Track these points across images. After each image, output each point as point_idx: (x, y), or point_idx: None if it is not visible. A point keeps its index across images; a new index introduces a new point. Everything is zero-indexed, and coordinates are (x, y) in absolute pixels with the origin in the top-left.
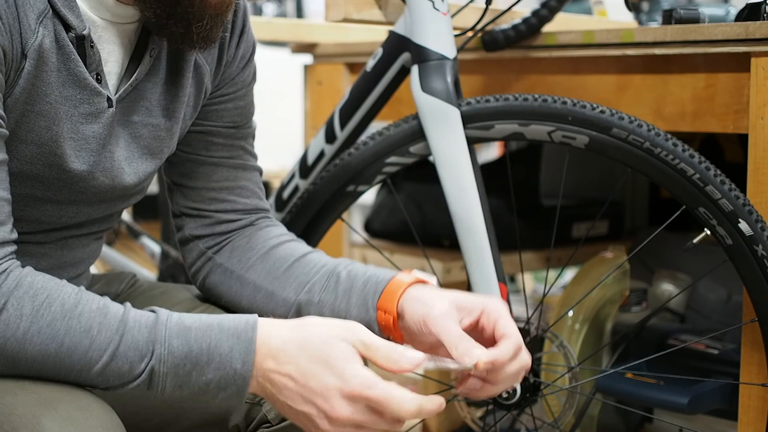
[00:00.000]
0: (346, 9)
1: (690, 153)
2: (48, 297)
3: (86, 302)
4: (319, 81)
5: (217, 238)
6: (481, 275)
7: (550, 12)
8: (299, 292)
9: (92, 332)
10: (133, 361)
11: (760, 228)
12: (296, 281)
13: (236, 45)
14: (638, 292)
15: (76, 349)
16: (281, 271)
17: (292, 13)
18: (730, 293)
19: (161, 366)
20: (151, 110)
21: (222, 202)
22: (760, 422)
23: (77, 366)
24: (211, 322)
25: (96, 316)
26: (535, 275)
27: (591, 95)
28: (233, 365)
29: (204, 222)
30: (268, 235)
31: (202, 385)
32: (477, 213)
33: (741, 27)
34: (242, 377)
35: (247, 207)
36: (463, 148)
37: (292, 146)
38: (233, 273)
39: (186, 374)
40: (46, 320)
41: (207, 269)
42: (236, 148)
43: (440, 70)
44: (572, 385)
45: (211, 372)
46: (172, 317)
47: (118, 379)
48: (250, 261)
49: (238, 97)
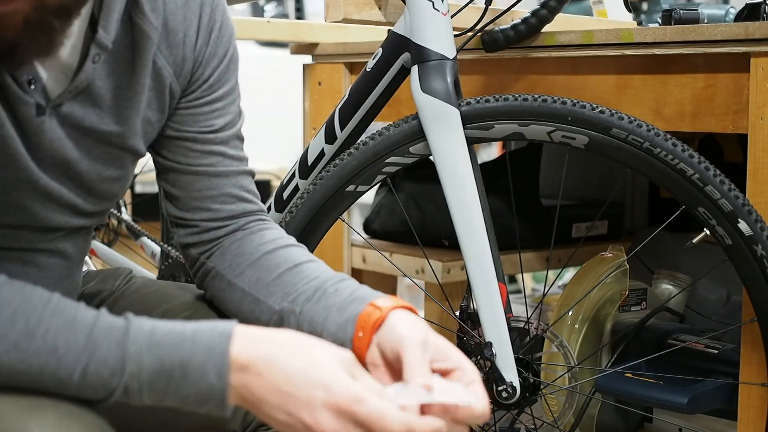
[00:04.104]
0: (346, 9)
1: (689, 153)
2: (12, 314)
3: (53, 316)
4: (319, 81)
5: (207, 245)
6: (481, 275)
7: (550, 12)
8: (283, 301)
9: (59, 352)
10: (105, 378)
11: (759, 228)
12: (283, 291)
13: (206, 44)
14: (638, 291)
15: (45, 369)
16: (271, 279)
17: (292, 13)
18: (730, 293)
19: (134, 382)
20: (102, 116)
21: (206, 211)
22: (759, 422)
23: (51, 383)
24: (185, 334)
25: (62, 333)
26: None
27: (591, 95)
28: (208, 379)
29: (191, 231)
30: (262, 240)
31: (181, 397)
32: (477, 213)
33: (740, 27)
34: (219, 391)
35: (233, 213)
36: (462, 149)
37: (292, 146)
38: (224, 278)
39: (162, 389)
40: (11, 341)
41: (202, 273)
42: (215, 155)
43: (440, 71)
44: (572, 385)
45: (187, 386)
46: (142, 331)
47: (94, 394)
48: (241, 267)
49: (214, 100)
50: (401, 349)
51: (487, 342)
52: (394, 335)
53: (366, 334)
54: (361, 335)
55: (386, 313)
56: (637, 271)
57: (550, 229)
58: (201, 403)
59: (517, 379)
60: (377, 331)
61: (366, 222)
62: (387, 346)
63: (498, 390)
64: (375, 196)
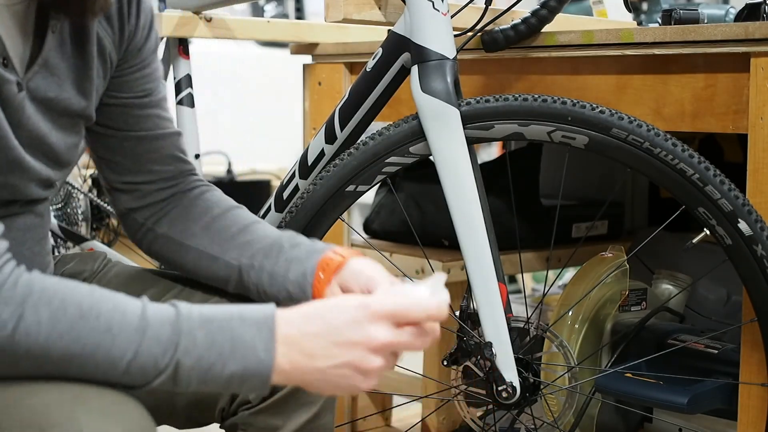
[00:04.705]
0: (346, 9)
1: (689, 153)
2: (63, 301)
3: (101, 302)
4: (319, 81)
5: (152, 209)
6: (481, 275)
7: (550, 12)
8: (240, 257)
9: (113, 331)
10: (157, 356)
11: (759, 228)
12: (239, 249)
13: (136, 15)
14: (638, 291)
15: (98, 349)
16: (225, 239)
17: (292, 13)
18: (730, 293)
19: (187, 358)
20: (62, 86)
21: (149, 173)
22: (759, 422)
23: (102, 366)
24: (232, 313)
25: (114, 314)
26: (534, 275)
27: (591, 95)
28: (257, 354)
29: (135, 195)
30: (207, 204)
31: (226, 376)
32: (477, 213)
33: (740, 27)
34: (266, 366)
35: (174, 173)
36: (462, 149)
37: (292, 146)
38: (175, 241)
39: (210, 366)
40: (65, 324)
41: (149, 239)
42: (153, 118)
43: (440, 70)
44: (572, 385)
45: (236, 362)
46: (192, 310)
47: (142, 376)
48: (192, 230)
49: (145, 65)
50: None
51: (487, 342)
52: (362, 276)
53: (326, 276)
54: (322, 276)
55: (347, 258)
56: (637, 271)
57: (550, 229)
58: (245, 380)
59: (517, 379)
60: (337, 273)
61: (366, 222)
62: (354, 286)
63: (498, 390)
64: (375, 196)
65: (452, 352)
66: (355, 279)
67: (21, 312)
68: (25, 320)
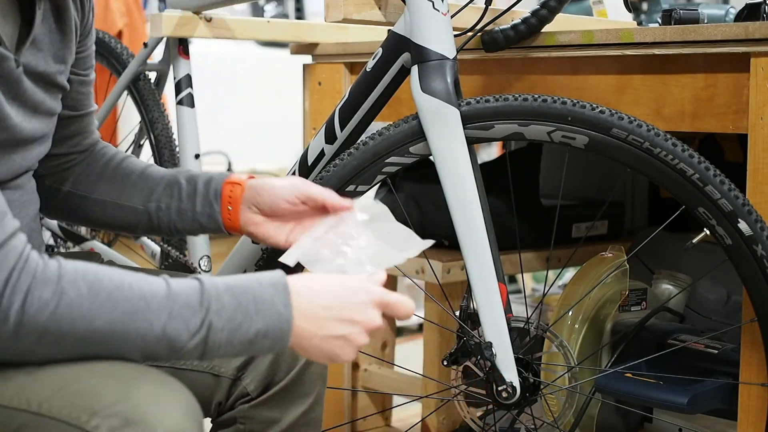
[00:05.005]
0: (346, 9)
1: (689, 153)
2: (96, 275)
3: (127, 275)
4: (319, 81)
5: (62, 174)
6: (481, 275)
7: (550, 12)
8: (146, 201)
9: (146, 297)
10: (189, 319)
11: (759, 228)
12: (141, 193)
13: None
14: (638, 291)
15: (136, 314)
16: (125, 186)
17: (292, 13)
18: (730, 293)
19: (217, 320)
20: (47, 59)
21: (71, 145)
22: (759, 422)
23: (141, 329)
24: (250, 278)
25: (142, 285)
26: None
27: (591, 95)
28: (277, 309)
29: (51, 164)
30: (104, 158)
31: (251, 336)
32: (477, 213)
33: (740, 27)
34: (286, 320)
35: (90, 145)
36: (462, 148)
37: (292, 146)
38: (79, 196)
39: (238, 325)
40: (105, 294)
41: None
42: (89, 96)
43: (440, 70)
44: (572, 385)
45: (259, 320)
46: (213, 279)
47: (177, 339)
48: (93, 183)
49: (90, 45)
50: (276, 204)
51: (487, 342)
52: (273, 191)
53: (234, 207)
54: (230, 209)
55: (245, 183)
56: (637, 271)
57: (550, 229)
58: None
59: (517, 379)
60: (242, 200)
61: None
62: (265, 202)
63: (498, 390)
64: (375, 196)
65: (452, 352)
66: (263, 196)
67: (62, 288)
68: (68, 295)
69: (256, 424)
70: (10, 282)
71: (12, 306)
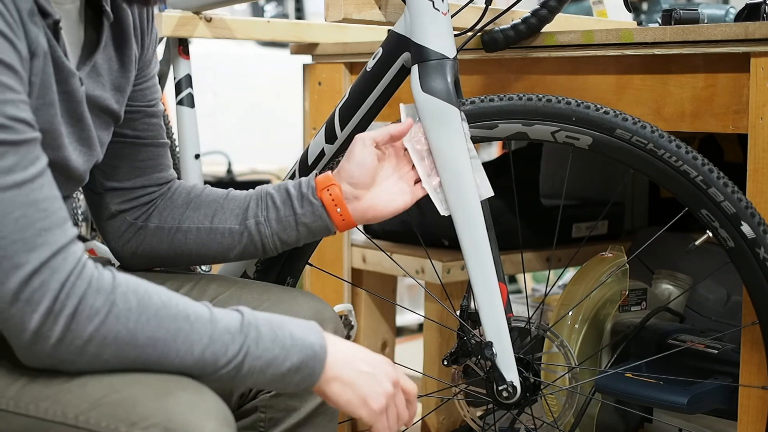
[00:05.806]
0: (346, 9)
1: (693, 155)
2: (146, 290)
3: (174, 295)
4: (319, 81)
5: (143, 209)
6: (481, 275)
7: (550, 12)
8: (243, 220)
9: (191, 318)
10: (228, 344)
11: (762, 231)
12: (233, 214)
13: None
14: (638, 292)
15: (179, 333)
16: (215, 210)
17: (292, 13)
18: (730, 293)
19: (255, 348)
20: (105, 85)
21: (146, 178)
22: (759, 422)
23: (181, 350)
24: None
25: (189, 305)
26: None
27: (591, 95)
28: (313, 348)
29: (128, 197)
30: (185, 190)
31: (285, 368)
32: (477, 213)
33: (741, 27)
34: (320, 359)
35: (167, 179)
36: (463, 148)
37: (292, 146)
38: (171, 228)
39: (274, 357)
40: (152, 310)
41: (140, 238)
42: (157, 127)
43: (440, 70)
44: (572, 385)
45: (294, 355)
46: (253, 311)
47: (213, 363)
48: (181, 213)
49: (152, 76)
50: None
51: (487, 342)
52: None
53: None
54: (339, 210)
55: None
56: (637, 271)
57: (550, 229)
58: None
59: (517, 378)
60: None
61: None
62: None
63: (498, 390)
64: None
65: (452, 351)
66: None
67: (113, 299)
68: (117, 306)
69: (277, 412)
70: (66, 285)
71: (64, 309)
